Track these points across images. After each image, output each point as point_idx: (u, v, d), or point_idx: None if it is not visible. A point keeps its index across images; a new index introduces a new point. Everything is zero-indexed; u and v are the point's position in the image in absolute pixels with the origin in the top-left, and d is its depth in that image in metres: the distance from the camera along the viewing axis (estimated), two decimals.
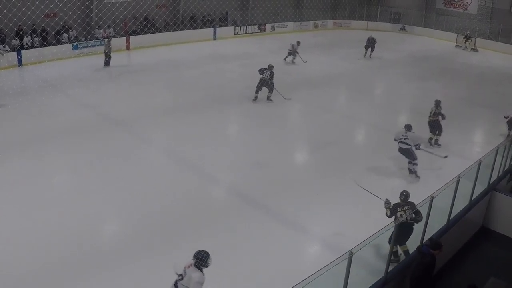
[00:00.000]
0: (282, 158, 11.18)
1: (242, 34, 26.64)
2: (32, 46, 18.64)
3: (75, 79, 16.14)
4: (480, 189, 8.99)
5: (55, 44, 19.11)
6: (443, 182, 7.89)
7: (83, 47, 19.79)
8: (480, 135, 14.06)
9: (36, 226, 7.83)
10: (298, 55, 20.16)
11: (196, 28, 24.54)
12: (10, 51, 17.66)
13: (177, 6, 24.34)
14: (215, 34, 25.16)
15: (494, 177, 9.42)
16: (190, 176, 10.06)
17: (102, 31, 21.24)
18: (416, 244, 7.00)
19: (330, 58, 22.36)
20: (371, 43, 22.63)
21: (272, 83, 14.84)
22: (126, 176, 9.76)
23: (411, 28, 31.17)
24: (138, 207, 8.63)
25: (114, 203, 8.76)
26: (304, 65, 19.99)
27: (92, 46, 19.93)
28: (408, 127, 10.44)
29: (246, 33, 26.81)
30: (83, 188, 9.23)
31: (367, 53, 22.72)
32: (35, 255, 7.12)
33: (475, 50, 26.74)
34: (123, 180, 9.57)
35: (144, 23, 22.74)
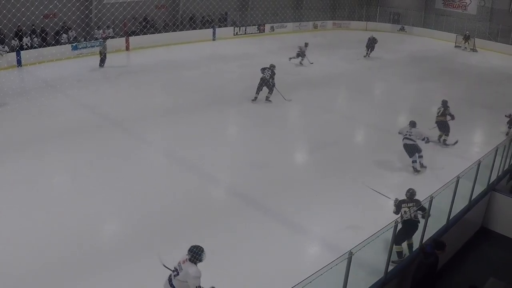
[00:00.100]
0: (282, 158, 11.19)
1: (241, 34, 26.64)
2: (32, 46, 18.62)
3: (74, 80, 16.13)
4: (479, 189, 9.02)
5: (54, 45, 19.19)
6: (443, 182, 7.92)
7: (82, 48, 19.77)
8: (479, 135, 14.08)
9: (36, 226, 7.84)
10: (306, 57, 20.18)
11: (196, 29, 24.54)
12: (9, 52, 17.65)
13: (176, 6, 24.32)
14: (214, 34, 25.17)
15: (494, 177, 9.46)
16: (190, 176, 10.07)
17: (101, 31, 21.22)
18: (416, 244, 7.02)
19: (330, 58, 22.36)
20: (371, 43, 22.65)
21: (272, 83, 14.84)
22: (126, 176, 9.77)
23: (410, 28, 31.20)
24: (138, 207, 8.63)
25: (114, 203, 8.76)
26: (304, 65, 20.01)
27: (91, 46, 19.88)
28: (413, 124, 10.66)
29: (246, 33, 26.82)
30: (83, 188, 9.23)
31: (367, 53, 22.74)
32: (35, 255, 7.12)
33: (475, 50, 26.76)
34: (123, 180, 9.58)
35: (143, 23, 22.73)
